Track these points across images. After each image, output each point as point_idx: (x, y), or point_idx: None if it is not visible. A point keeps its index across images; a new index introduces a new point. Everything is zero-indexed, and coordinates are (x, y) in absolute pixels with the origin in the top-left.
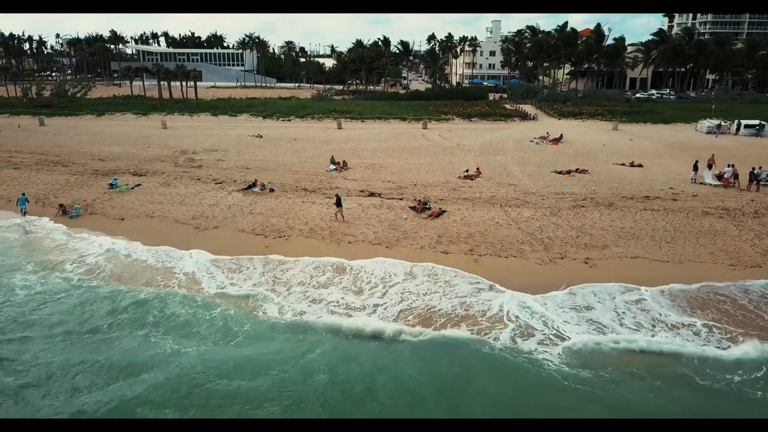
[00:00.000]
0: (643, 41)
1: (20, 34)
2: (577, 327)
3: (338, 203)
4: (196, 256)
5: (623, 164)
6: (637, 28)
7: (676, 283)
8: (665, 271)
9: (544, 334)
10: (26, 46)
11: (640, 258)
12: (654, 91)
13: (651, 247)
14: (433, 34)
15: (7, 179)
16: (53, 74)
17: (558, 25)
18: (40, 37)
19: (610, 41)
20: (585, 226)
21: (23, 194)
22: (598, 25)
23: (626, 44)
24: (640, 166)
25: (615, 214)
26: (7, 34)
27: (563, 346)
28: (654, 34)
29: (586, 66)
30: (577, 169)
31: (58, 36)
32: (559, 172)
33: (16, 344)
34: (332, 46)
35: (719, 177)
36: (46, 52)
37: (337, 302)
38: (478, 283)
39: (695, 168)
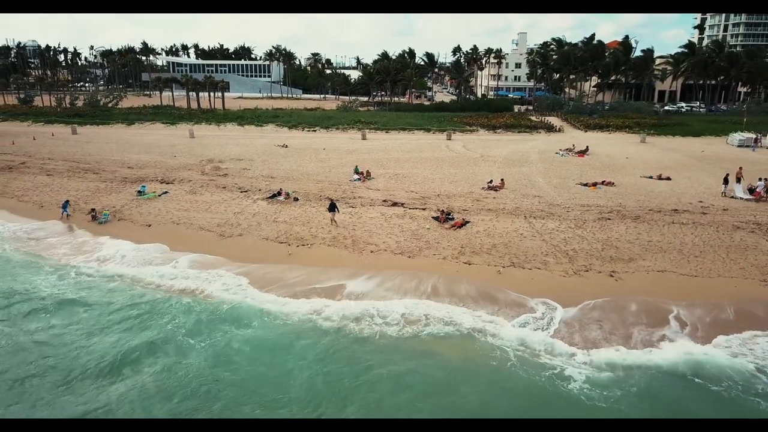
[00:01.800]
0: (673, 53)
1: (56, 46)
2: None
3: (331, 208)
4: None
5: (651, 177)
6: (666, 40)
7: (710, 303)
8: (693, 286)
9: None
10: (61, 57)
11: (668, 272)
12: (683, 104)
13: (679, 261)
14: (458, 46)
15: (41, 185)
16: (86, 84)
17: (585, 37)
18: (74, 48)
19: (638, 53)
20: (611, 239)
21: (66, 201)
22: (626, 37)
23: (655, 56)
24: (668, 179)
25: (642, 227)
26: (43, 45)
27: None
28: (683, 47)
29: (613, 78)
30: (603, 182)
31: (91, 48)
32: (585, 185)
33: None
34: (358, 58)
35: (751, 191)
36: (80, 63)
37: None
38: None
39: (725, 181)
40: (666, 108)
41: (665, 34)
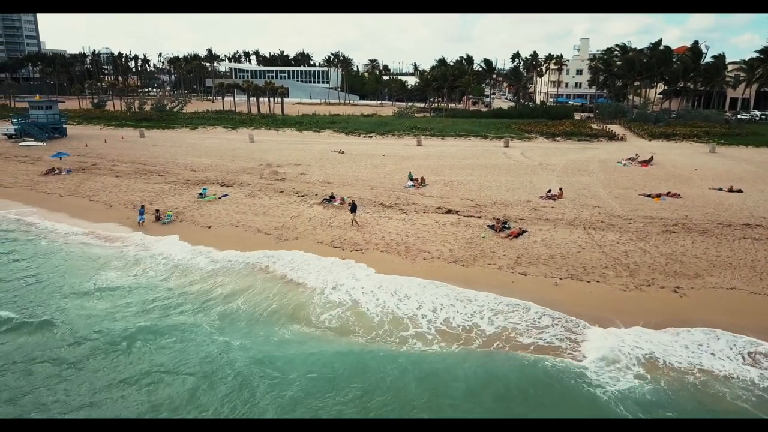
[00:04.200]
0: (746, 59)
1: (128, 53)
2: None
3: (353, 209)
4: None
5: (720, 189)
6: (738, 44)
7: None
8: (766, 305)
9: None
10: (132, 64)
11: (738, 290)
12: (758, 112)
13: (750, 279)
14: (517, 52)
15: (110, 186)
16: (154, 90)
17: (651, 43)
18: (144, 55)
19: (708, 59)
20: (675, 253)
21: (142, 206)
22: (696, 42)
23: (727, 62)
24: (740, 191)
25: (709, 242)
26: (116, 53)
27: None
28: (758, 51)
29: (681, 85)
30: (668, 193)
31: (160, 55)
32: (648, 196)
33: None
34: (415, 64)
35: None
36: (149, 70)
37: None
38: None
39: None
40: (738, 116)
41: (737, 39)
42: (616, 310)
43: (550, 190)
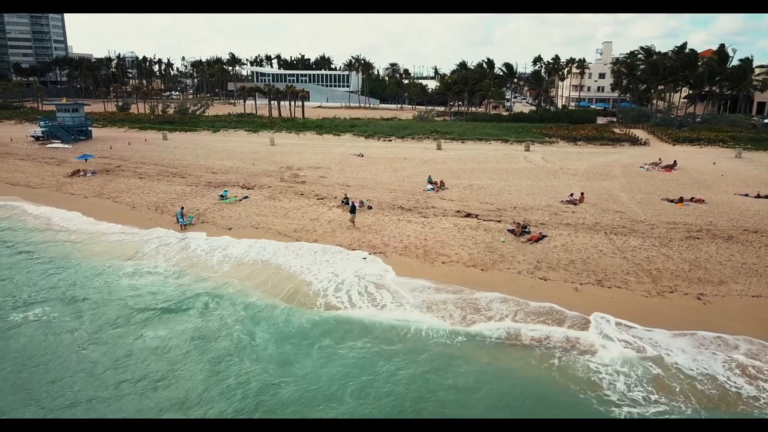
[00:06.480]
0: None
1: (152, 57)
2: None
3: (352, 210)
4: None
5: (746, 195)
6: (766, 48)
7: None
8: None
9: None
10: (156, 67)
11: (764, 297)
12: None
13: None
14: (539, 56)
15: (133, 187)
16: (176, 93)
17: (676, 46)
18: (168, 59)
19: (735, 62)
20: (699, 259)
21: (182, 208)
22: (722, 45)
23: (754, 66)
24: (767, 197)
25: (735, 248)
26: (140, 57)
27: None
28: None
29: (706, 89)
30: (692, 198)
31: (183, 58)
32: (672, 201)
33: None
34: (435, 68)
35: None
36: (172, 73)
37: None
38: None
39: None
40: (766, 121)
41: (766, 42)
42: (638, 315)
43: (571, 195)
